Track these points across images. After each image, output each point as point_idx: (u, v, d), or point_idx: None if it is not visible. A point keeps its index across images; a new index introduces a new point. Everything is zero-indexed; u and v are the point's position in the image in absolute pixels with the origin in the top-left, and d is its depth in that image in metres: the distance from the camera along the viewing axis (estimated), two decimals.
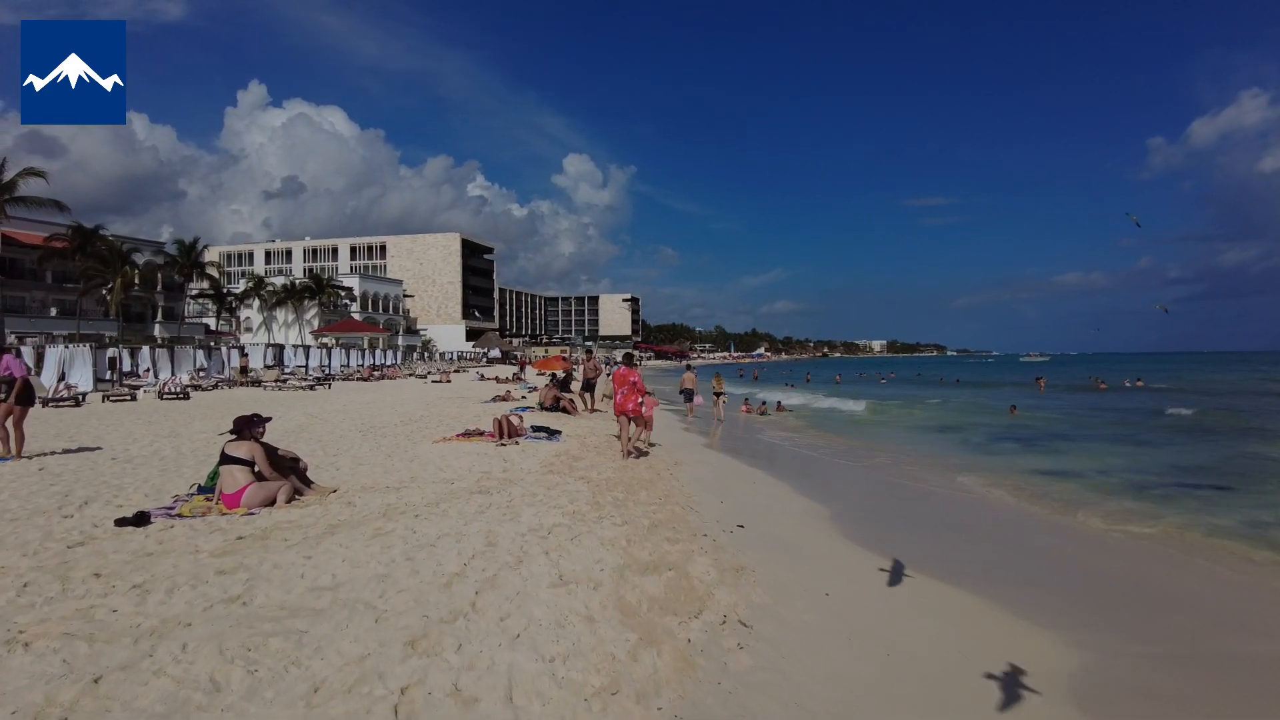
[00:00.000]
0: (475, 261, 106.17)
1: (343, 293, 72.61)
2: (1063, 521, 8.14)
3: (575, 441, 11.74)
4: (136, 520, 5.69)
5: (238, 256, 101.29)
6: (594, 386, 18.48)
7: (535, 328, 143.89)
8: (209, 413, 16.38)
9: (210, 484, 6.66)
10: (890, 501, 9.41)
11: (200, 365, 31.36)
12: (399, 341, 73.13)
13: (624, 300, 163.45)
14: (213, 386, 27.12)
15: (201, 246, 55.75)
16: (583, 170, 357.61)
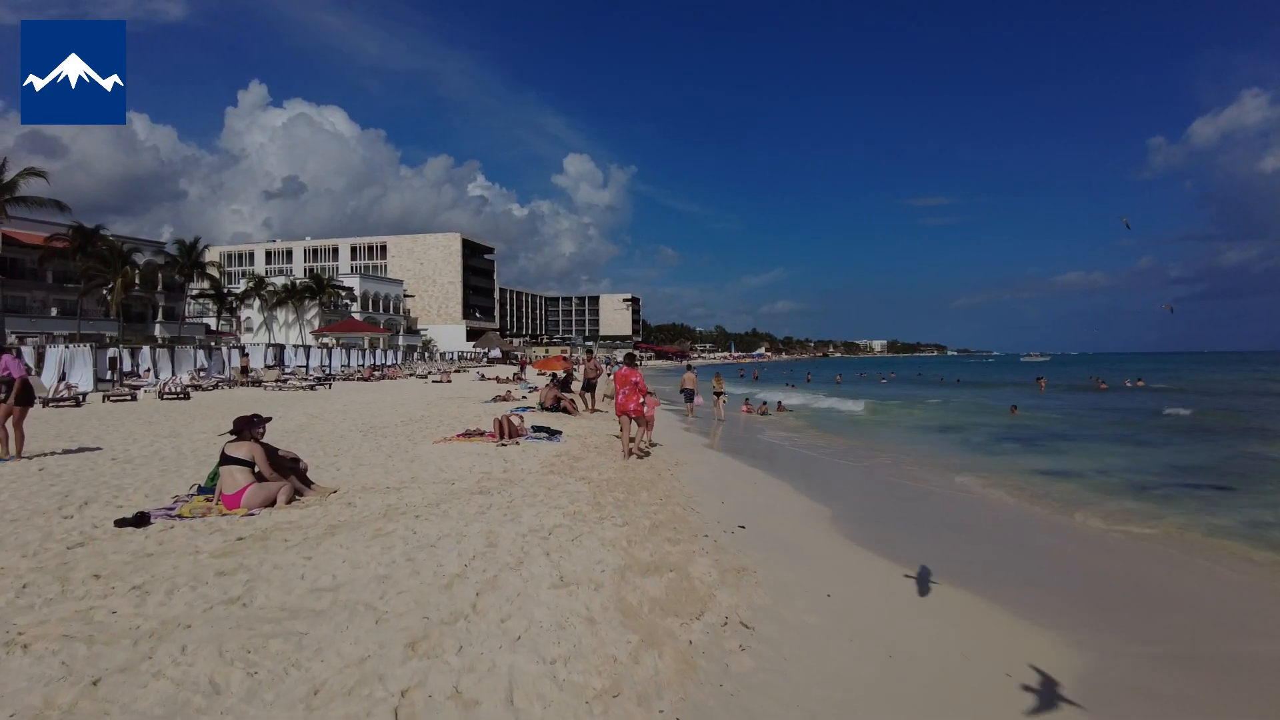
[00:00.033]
0: (476, 261, 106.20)
1: (343, 293, 72.64)
2: (1063, 521, 8.13)
3: (576, 442, 11.73)
4: (136, 521, 5.68)
5: (238, 256, 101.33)
6: (594, 386, 18.47)
7: (536, 328, 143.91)
8: (209, 413, 16.37)
9: (210, 484, 6.65)
10: (891, 502, 9.40)
11: (201, 365, 31.37)
12: (399, 341, 73.14)
13: (624, 300, 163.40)
14: (213, 386, 27.12)
15: (202, 246, 55.78)
16: (583, 170, 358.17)
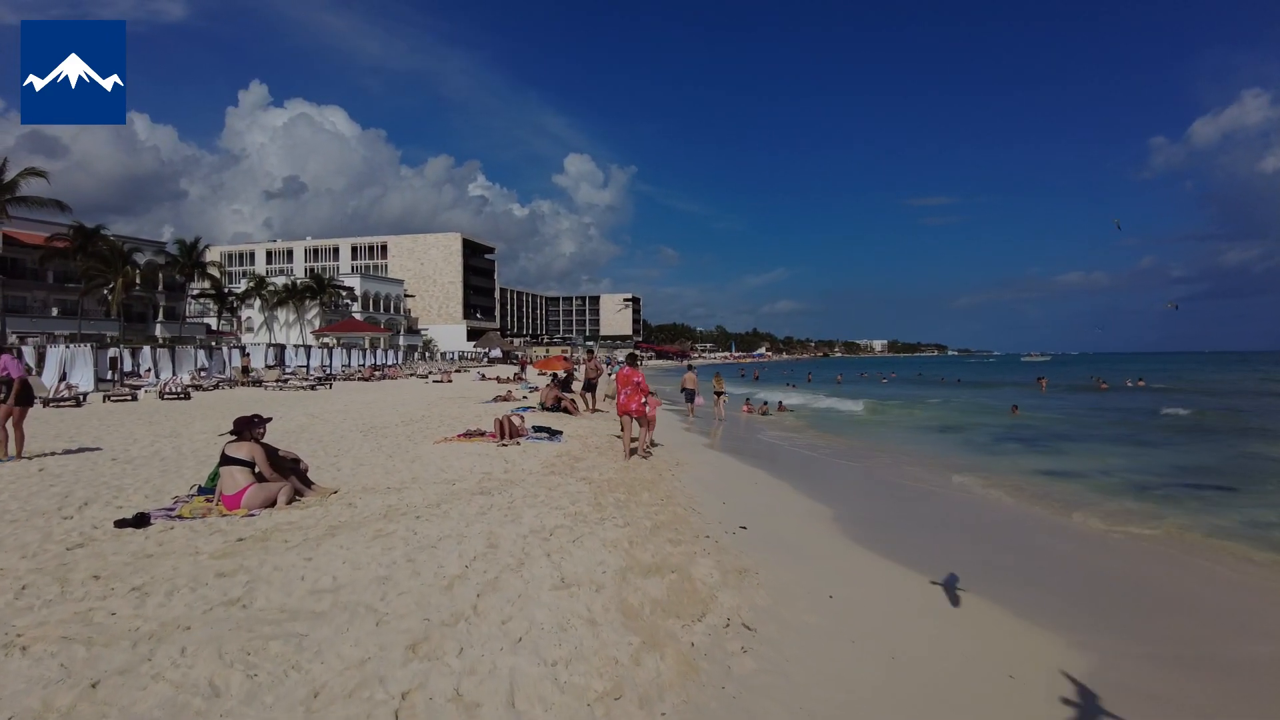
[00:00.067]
0: (476, 261, 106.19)
1: (344, 293, 72.62)
2: (1064, 522, 8.11)
3: (577, 442, 11.71)
4: (136, 522, 5.66)
5: (239, 256, 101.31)
6: (595, 386, 18.44)
7: (536, 328, 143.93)
8: (210, 413, 16.35)
9: (210, 485, 6.64)
10: (892, 502, 9.38)
11: (201, 365, 31.37)
12: (400, 341, 73.13)
13: (625, 300, 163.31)
14: (214, 386, 27.11)
15: (203, 246, 55.80)
16: (584, 170, 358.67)
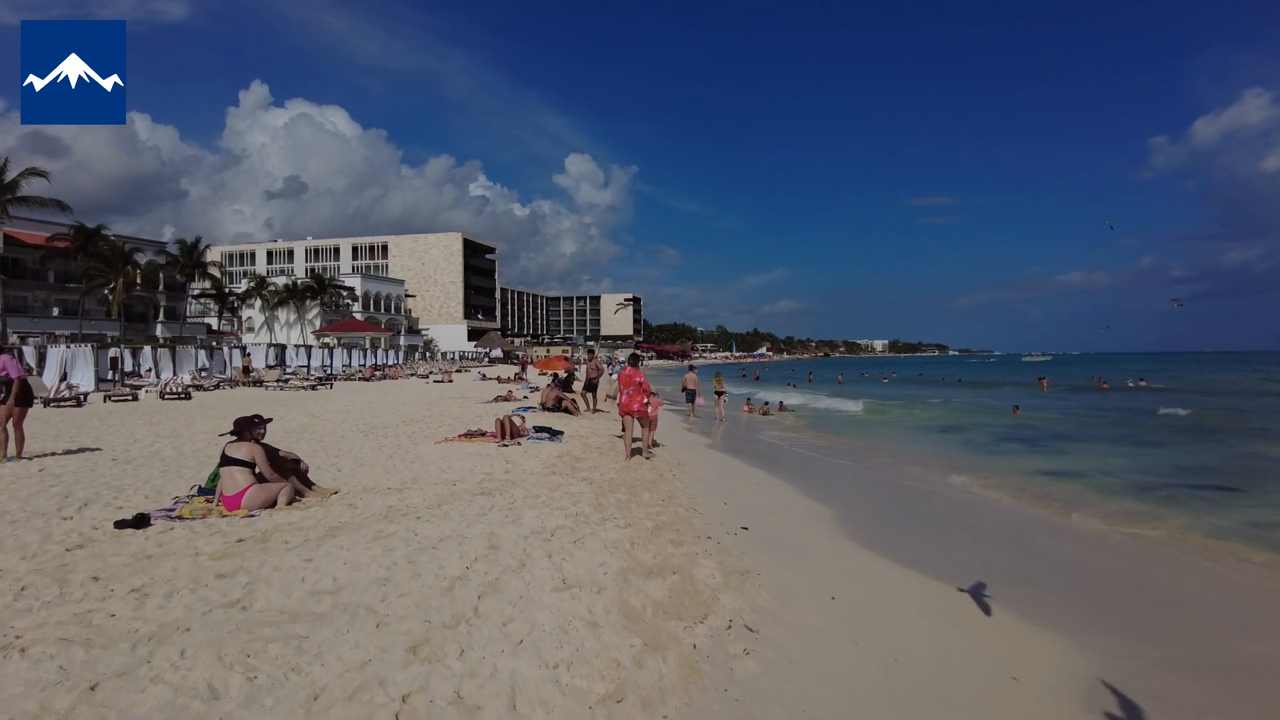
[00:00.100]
0: (477, 261, 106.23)
1: (344, 293, 72.63)
2: (1066, 523, 8.08)
3: (578, 442, 11.69)
4: (136, 522, 5.64)
5: (240, 256, 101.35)
6: (596, 387, 18.41)
7: (537, 328, 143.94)
8: (210, 413, 16.34)
9: (211, 485, 6.62)
10: (894, 502, 9.35)
11: (202, 365, 31.37)
12: (401, 341, 73.13)
13: (626, 300, 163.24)
14: (214, 386, 27.10)
15: (203, 246, 55.84)
16: (584, 170, 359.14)
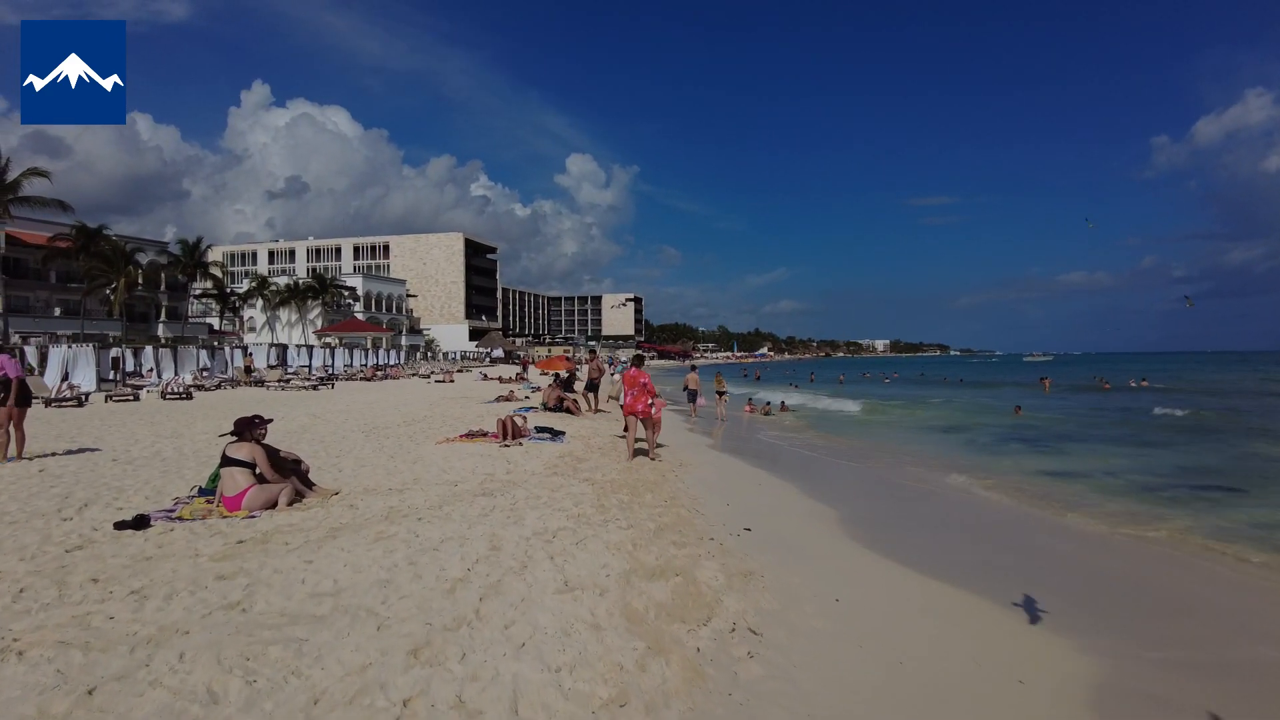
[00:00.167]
0: (478, 261, 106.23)
1: (346, 292, 72.63)
2: (1069, 524, 8.03)
3: (579, 442, 11.66)
4: (136, 523, 5.62)
5: (241, 256, 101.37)
6: (598, 387, 18.38)
7: (538, 328, 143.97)
8: (211, 413, 16.33)
9: (211, 486, 6.59)
10: (896, 503, 9.31)
11: (203, 365, 31.39)
12: (402, 341, 73.14)
13: (627, 300, 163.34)
14: (216, 386, 27.10)
15: (205, 246, 55.83)
16: (585, 170, 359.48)
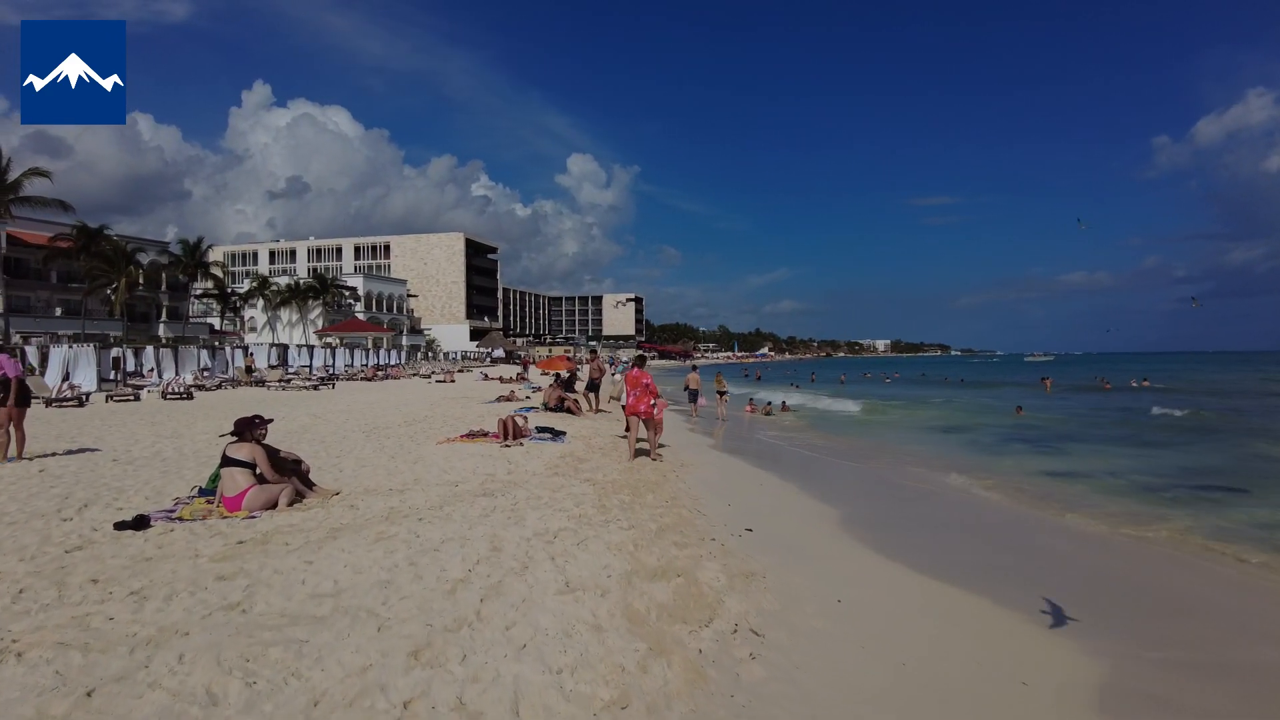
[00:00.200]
0: (479, 261, 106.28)
1: (347, 292, 72.62)
2: (1072, 524, 8.01)
3: (580, 442, 11.65)
4: (136, 524, 5.60)
5: (242, 256, 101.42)
6: (599, 387, 18.36)
7: (539, 327, 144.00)
8: (212, 413, 16.32)
9: (211, 486, 6.58)
10: (898, 503, 9.29)
11: (204, 365, 31.39)
12: (403, 341, 73.15)
13: (627, 300, 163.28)
14: (216, 386, 27.11)
15: (206, 246, 55.86)
16: (586, 170, 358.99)
